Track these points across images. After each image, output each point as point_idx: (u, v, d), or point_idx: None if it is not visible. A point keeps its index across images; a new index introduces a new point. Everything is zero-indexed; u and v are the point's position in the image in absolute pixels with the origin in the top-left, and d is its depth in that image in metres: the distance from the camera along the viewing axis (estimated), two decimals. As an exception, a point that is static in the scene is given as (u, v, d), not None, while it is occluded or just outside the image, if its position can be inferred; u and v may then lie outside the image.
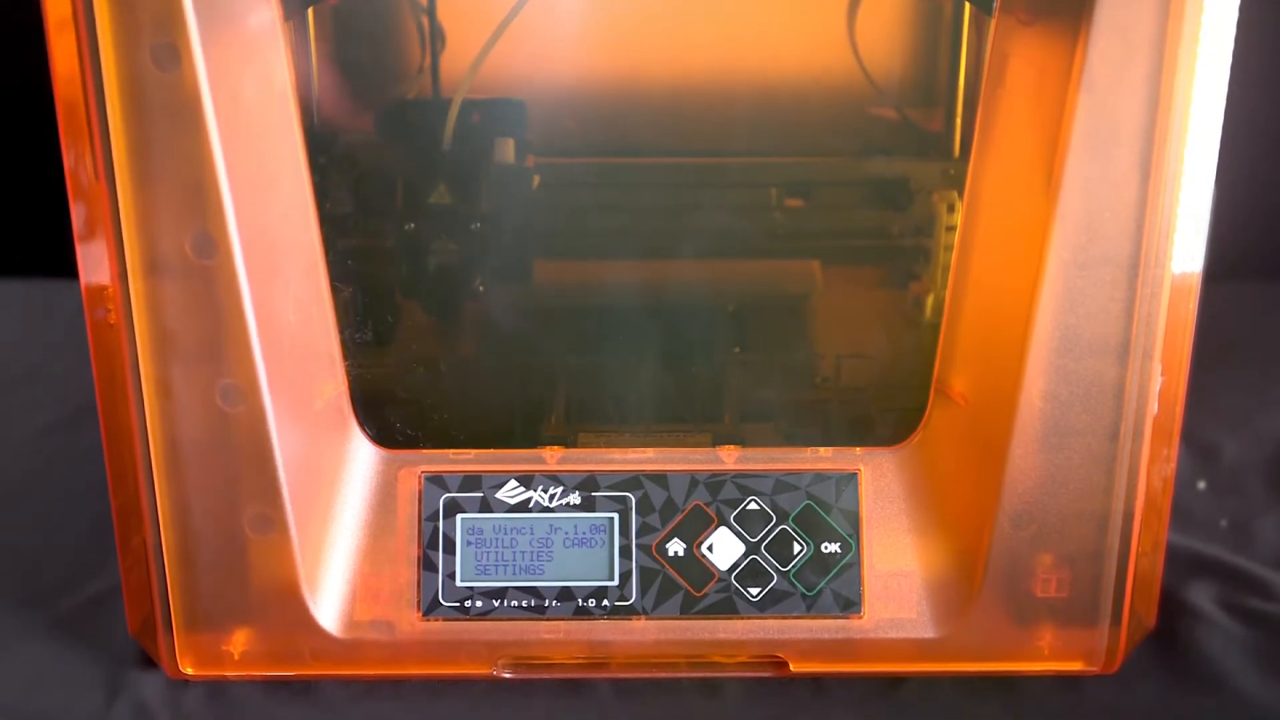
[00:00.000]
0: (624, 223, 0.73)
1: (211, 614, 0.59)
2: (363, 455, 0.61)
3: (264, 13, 0.54)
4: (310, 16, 0.69)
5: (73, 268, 0.55)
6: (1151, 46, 0.52)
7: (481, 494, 0.60)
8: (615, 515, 0.60)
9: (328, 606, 0.60)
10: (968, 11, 0.73)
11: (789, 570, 0.60)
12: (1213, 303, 0.65)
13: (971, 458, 0.60)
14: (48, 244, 0.90)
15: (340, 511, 0.60)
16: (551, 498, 0.60)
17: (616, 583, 0.60)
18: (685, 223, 0.72)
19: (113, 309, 0.55)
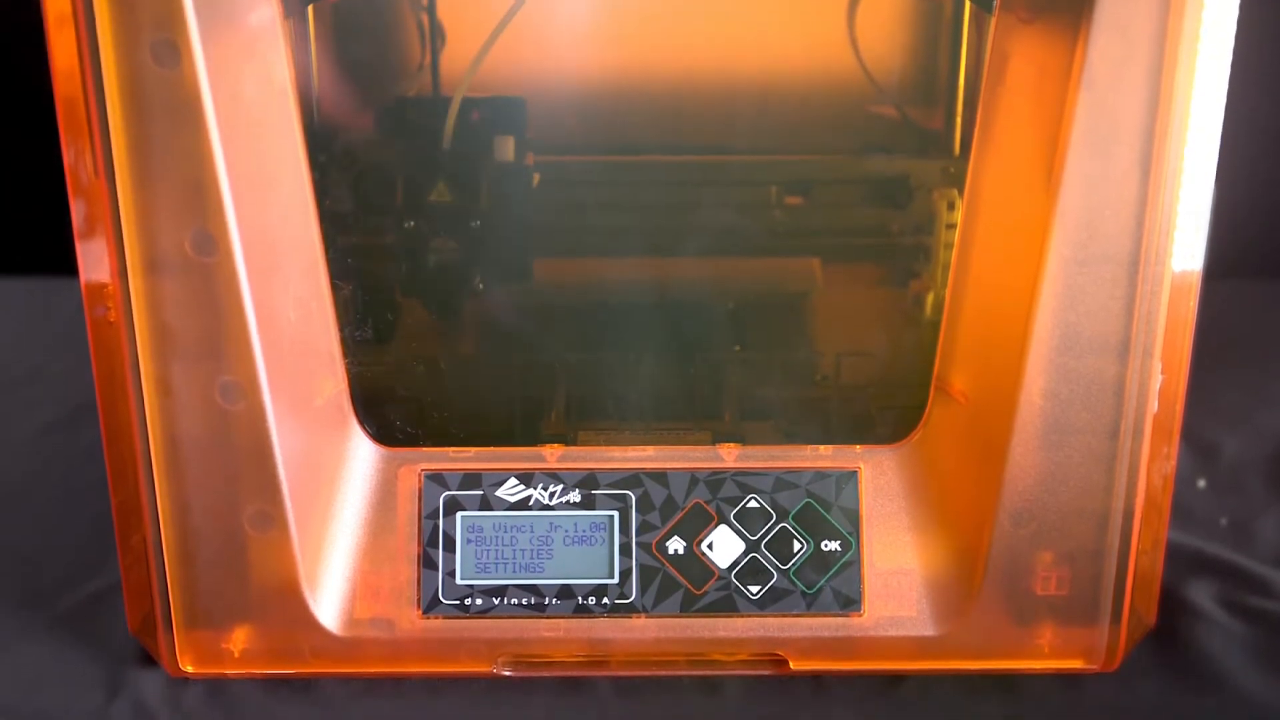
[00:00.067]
0: (624, 221, 0.73)
1: (211, 612, 0.59)
2: (363, 453, 0.61)
3: (264, 10, 0.54)
4: (310, 14, 0.69)
5: (72, 265, 0.55)
6: (1152, 44, 0.52)
7: (481, 492, 0.60)
8: (615, 513, 0.60)
9: (328, 604, 0.60)
10: (968, 9, 0.73)
11: (789, 568, 0.60)
12: (1213, 301, 0.65)
13: (972, 456, 0.60)
14: (48, 242, 0.90)
15: (340, 509, 0.60)
16: (551, 495, 0.60)
17: (616, 581, 0.60)
18: (685, 221, 0.72)
19: (112, 307, 0.55)
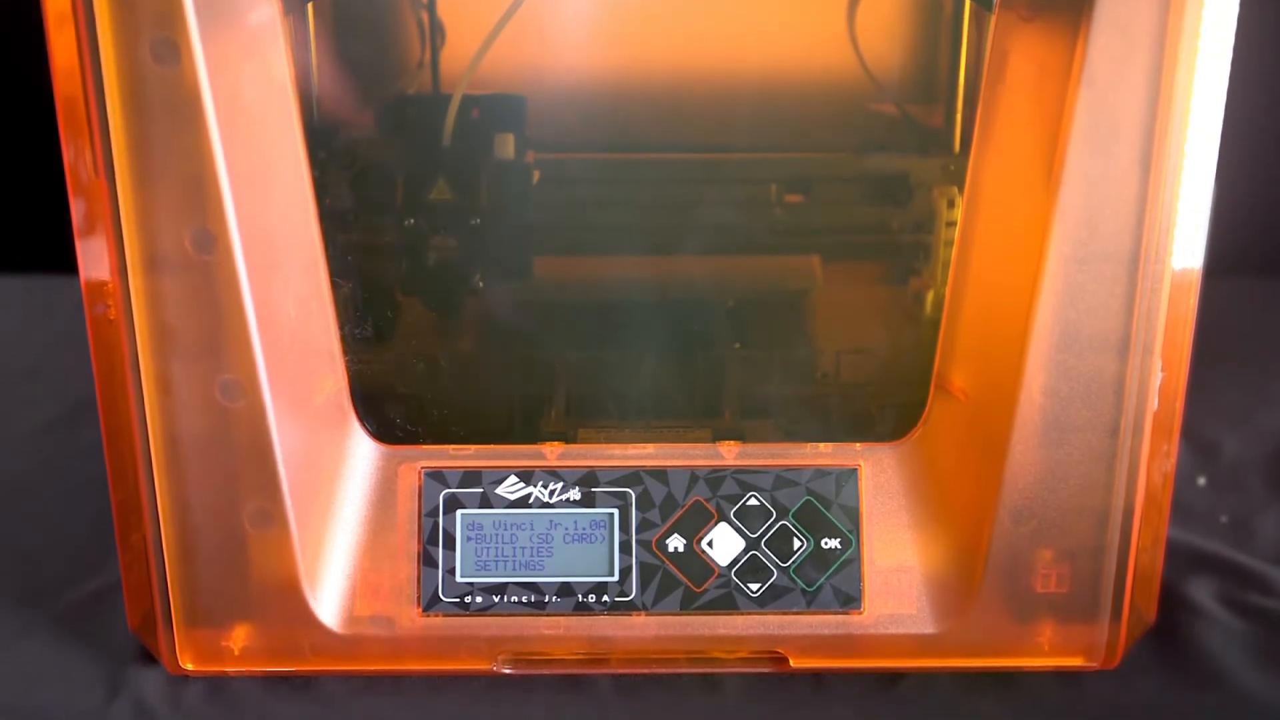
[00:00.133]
0: (624, 218, 0.73)
1: (211, 610, 0.59)
2: (363, 451, 0.61)
3: (264, 8, 0.54)
4: (310, 11, 0.69)
5: (72, 263, 0.55)
6: (1152, 42, 0.52)
7: (481, 490, 0.60)
8: (615, 511, 0.60)
9: (328, 602, 0.60)
10: (968, 7, 0.73)
11: (789, 566, 0.60)
12: (1213, 299, 0.65)
13: (972, 453, 0.60)
14: (48, 240, 0.90)
15: (340, 507, 0.60)
16: (551, 493, 0.60)
17: (616, 578, 0.60)
18: (685, 218, 0.72)
19: (112, 305, 0.55)
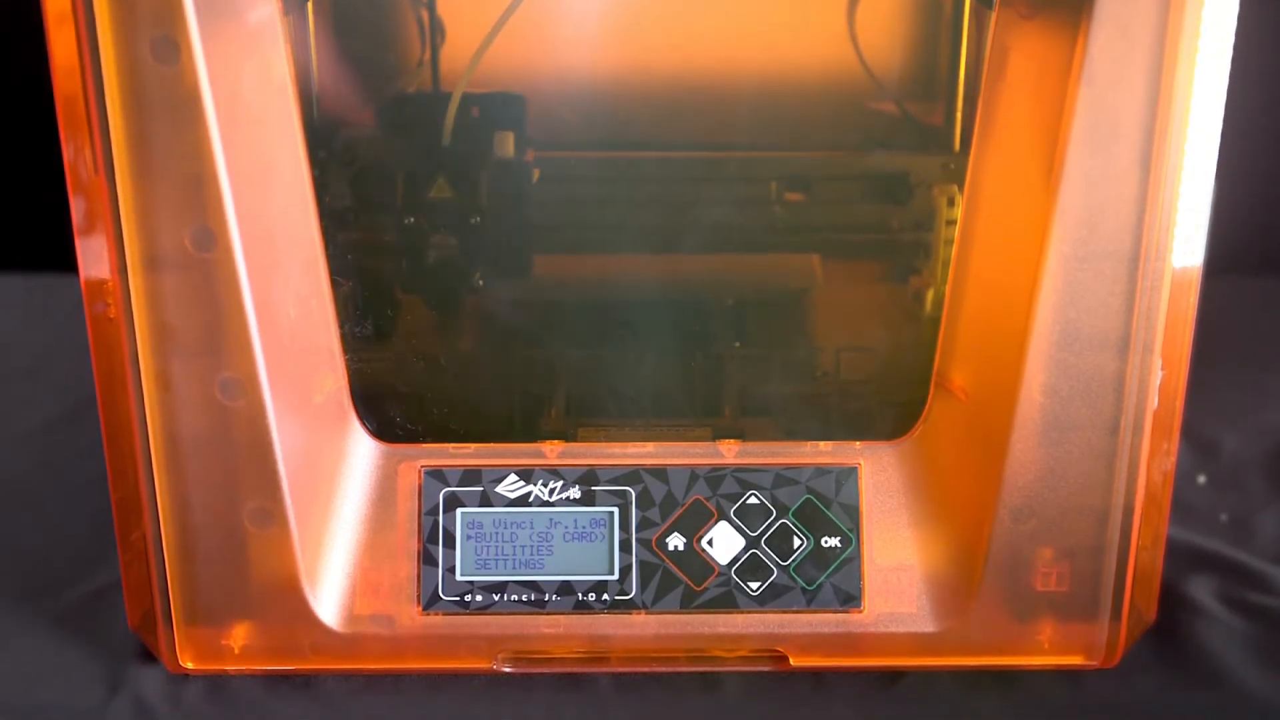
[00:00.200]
0: (624, 217, 0.73)
1: (211, 608, 0.59)
2: (363, 449, 0.61)
3: (263, 7, 0.54)
4: (310, 10, 0.69)
5: (72, 262, 0.55)
6: (1152, 41, 0.52)
7: (481, 488, 0.60)
8: (615, 509, 0.60)
9: (328, 601, 0.60)
10: (968, 5, 0.73)
11: (789, 564, 0.60)
12: (1213, 297, 0.65)
13: (972, 452, 0.60)
14: (48, 238, 0.90)
15: (340, 506, 0.60)
16: (551, 492, 0.60)
17: (616, 577, 0.60)
18: (685, 217, 0.72)
19: (112, 303, 0.55)
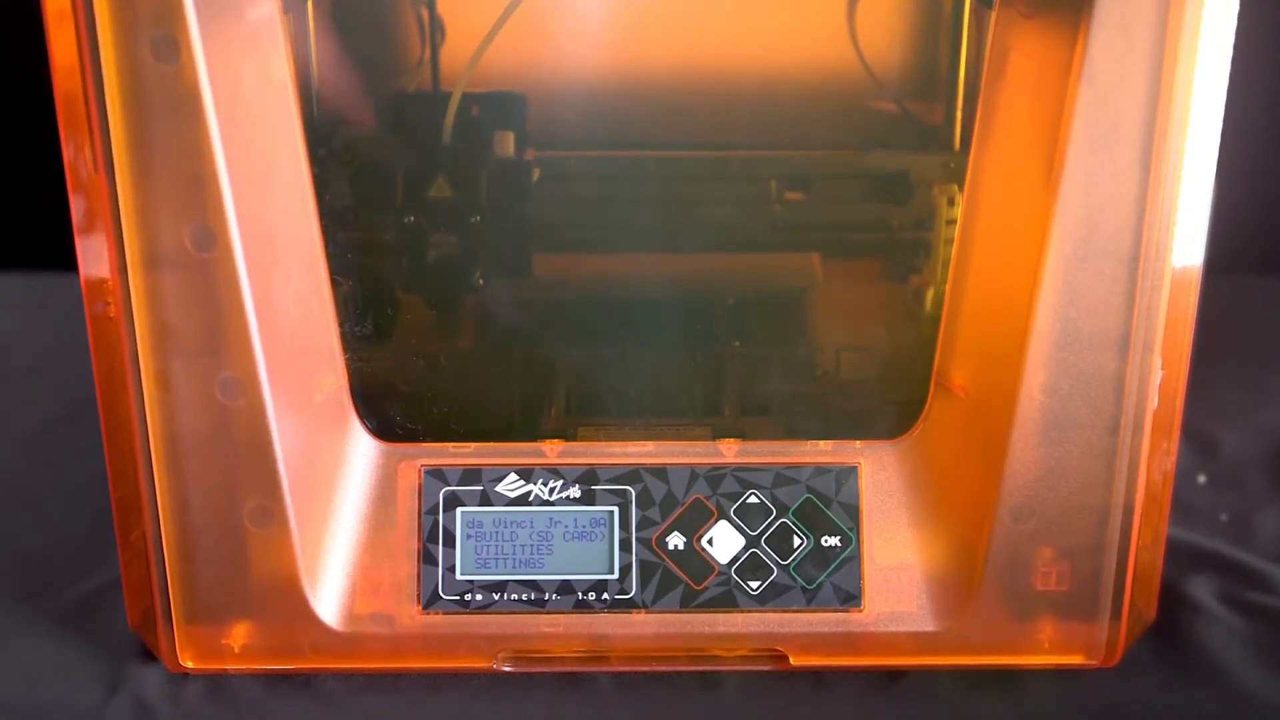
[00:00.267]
0: (624, 216, 0.73)
1: (211, 607, 0.59)
2: (363, 449, 0.61)
3: (263, 5, 0.54)
4: (310, 9, 0.69)
5: (72, 261, 0.55)
6: (1152, 40, 0.52)
7: (481, 487, 0.60)
8: (615, 509, 0.60)
9: (328, 600, 0.60)
10: (968, 4, 0.73)
11: (789, 564, 0.60)
12: (1213, 297, 0.65)
13: (972, 451, 0.60)
14: (47, 237, 0.90)
15: (340, 505, 0.60)
16: (551, 491, 0.60)
17: (616, 576, 0.60)
18: (685, 216, 0.72)
19: (112, 302, 0.55)
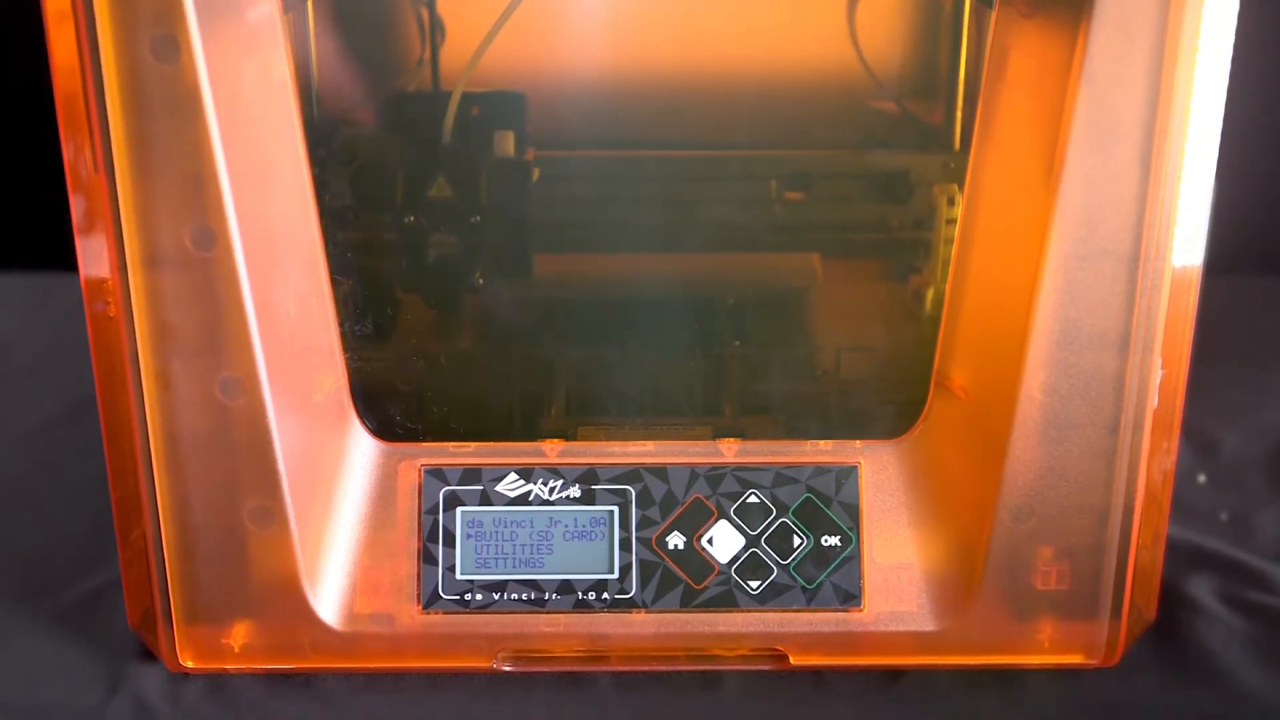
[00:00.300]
0: (624, 216, 0.73)
1: (211, 607, 0.59)
2: (363, 448, 0.61)
3: (263, 5, 0.54)
4: (310, 8, 0.69)
5: (72, 261, 0.55)
6: (1152, 40, 0.52)
7: (481, 487, 0.60)
8: (615, 508, 0.60)
9: (328, 600, 0.60)
10: (968, 4, 0.73)
11: (789, 563, 0.60)
12: (1213, 296, 0.65)
13: (972, 451, 0.60)
14: (47, 237, 0.90)
15: (340, 505, 0.60)
16: (551, 491, 0.60)
17: (616, 576, 0.60)
18: (685, 216, 0.72)
19: (112, 302, 0.55)
